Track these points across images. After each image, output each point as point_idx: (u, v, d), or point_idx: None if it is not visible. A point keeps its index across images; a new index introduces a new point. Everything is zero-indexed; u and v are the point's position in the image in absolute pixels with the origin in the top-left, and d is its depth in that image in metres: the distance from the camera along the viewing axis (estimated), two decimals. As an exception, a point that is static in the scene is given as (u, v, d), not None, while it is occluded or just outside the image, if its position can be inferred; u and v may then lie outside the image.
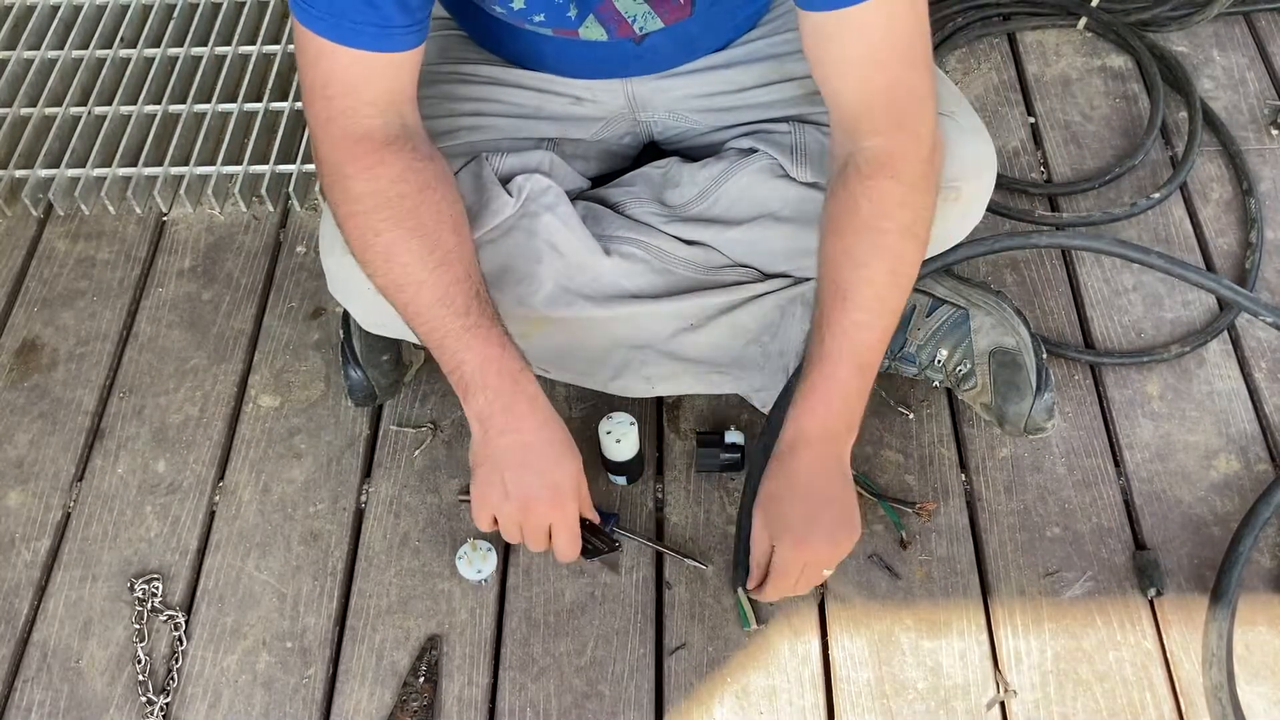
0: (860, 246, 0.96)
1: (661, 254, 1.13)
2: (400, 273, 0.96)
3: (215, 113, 1.57)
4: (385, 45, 0.93)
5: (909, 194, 0.96)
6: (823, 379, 0.97)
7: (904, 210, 0.96)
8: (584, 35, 1.05)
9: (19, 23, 1.71)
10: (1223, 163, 1.48)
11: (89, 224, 1.49)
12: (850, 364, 0.97)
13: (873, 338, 0.98)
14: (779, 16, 1.17)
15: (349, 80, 0.94)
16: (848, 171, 0.96)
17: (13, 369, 1.34)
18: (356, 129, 0.95)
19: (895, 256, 0.97)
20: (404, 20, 0.93)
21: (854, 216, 0.96)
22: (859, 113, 0.95)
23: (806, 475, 0.99)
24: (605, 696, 1.08)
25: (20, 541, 1.20)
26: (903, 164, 0.95)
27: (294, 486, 1.23)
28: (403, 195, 0.96)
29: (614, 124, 1.20)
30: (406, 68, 0.97)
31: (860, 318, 0.96)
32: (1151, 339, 1.31)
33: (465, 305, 0.96)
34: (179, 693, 1.10)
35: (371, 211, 0.96)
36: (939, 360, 1.19)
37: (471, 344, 0.97)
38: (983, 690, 1.07)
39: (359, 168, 0.96)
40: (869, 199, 0.95)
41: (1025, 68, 1.60)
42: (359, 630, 1.13)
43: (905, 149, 0.95)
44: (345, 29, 0.92)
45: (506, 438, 0.98)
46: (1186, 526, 1.16)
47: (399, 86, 0.97)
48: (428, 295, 0.96)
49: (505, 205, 1.08)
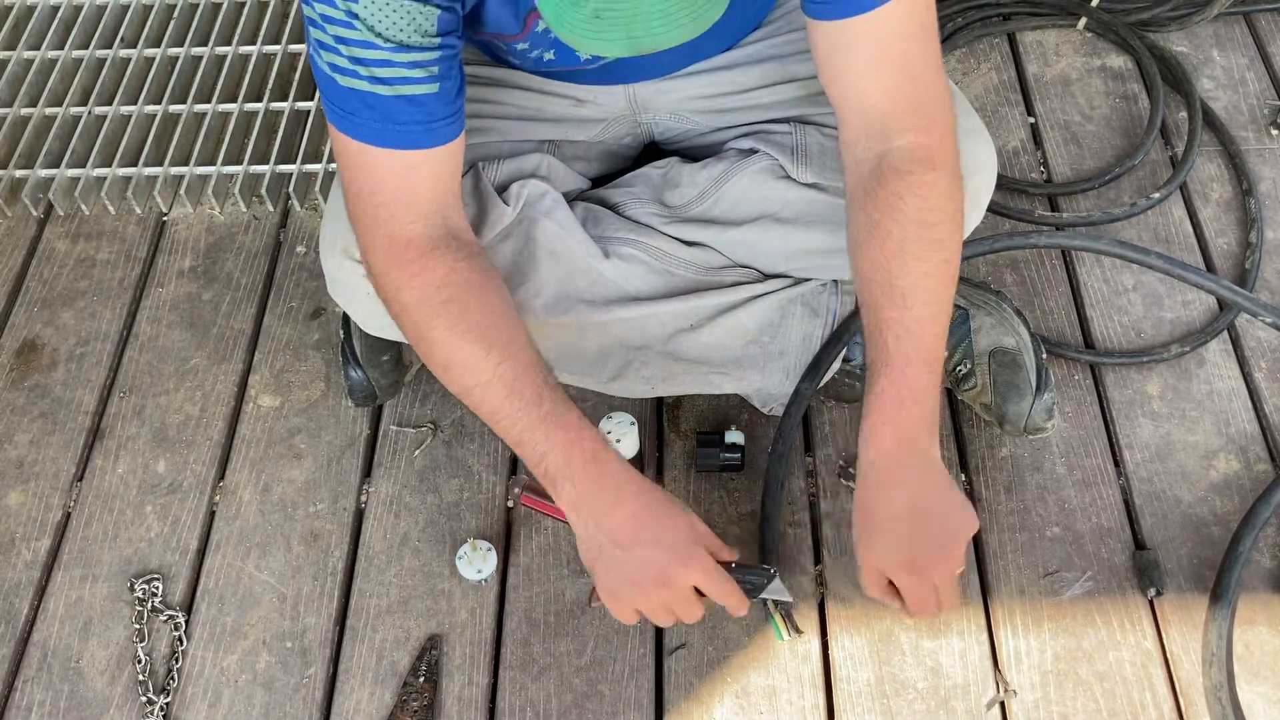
0: (913, 242, 0.95)
1: (661, 255, 1.13)
2: (464, 376, 0.95)
3: (215, 113, 1.57)
4: (432, 141, 0.93)
5: (951, 185, 0.96)
6: (893, 385, 0.94)
7: (950, 201, 0.96)
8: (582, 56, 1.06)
9: (19, 23, 1.71)
10: (1222, 163, 1.48)
11: (89, 224, 1.49)
12: (920, 363, 0.95)
13: (937, 332, 0.96)
14: (780, 18, 1.17)
15: (398, 184, 0.94)
16: (883, 171, 0.95)
17: (13, 369, 1.35)
18: (401, 236, 0.95)
19: (947, 247, 0.96)
20: (446, 111, 0.92)
21: (900, 214, 0.94)
22: (886, 113, 0.95)
23: (901, 494, 0.95)
24: (605, 696, 1.08)
25: (20, 541, 1.20)
26: (941, 157, 0.96)
27: (294, 486, 1.23)
28: (450, 300, 0.94)
29: (615, 125, 1.20)
30: (453, 159, 0.96)
31: (922, 313, 0.95)
32: (1151, 339, 1.31)
33: (536, 395, 0.93)
34: (179, 693, 1.10)
35: (423, 320, 0.95)
36: (939, 360, 1.19)
37: (551, 433, 0.93)
38: (983, 690, 1.07)
39: (405, 276, 0.95)
40: (915, 194, 0.94)
41: (1025, 68, 1.60)
42: (359, 630, 1.13)
43: (942, 142, 0.96)
44: (390, 133, 0.91)
45: (610, 520, 0.93)
46: (1186, 526, 1.16)
47: (446, 181, 0.96)
48: (495, 394, 0.94)
49: (504, 215, 1.08)
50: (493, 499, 1.21)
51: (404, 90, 0.90)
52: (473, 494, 1.21)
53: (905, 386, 0.94)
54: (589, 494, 0.93)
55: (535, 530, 1.18)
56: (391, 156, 0.92)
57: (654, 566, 0.92)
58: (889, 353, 0.94)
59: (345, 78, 0.89)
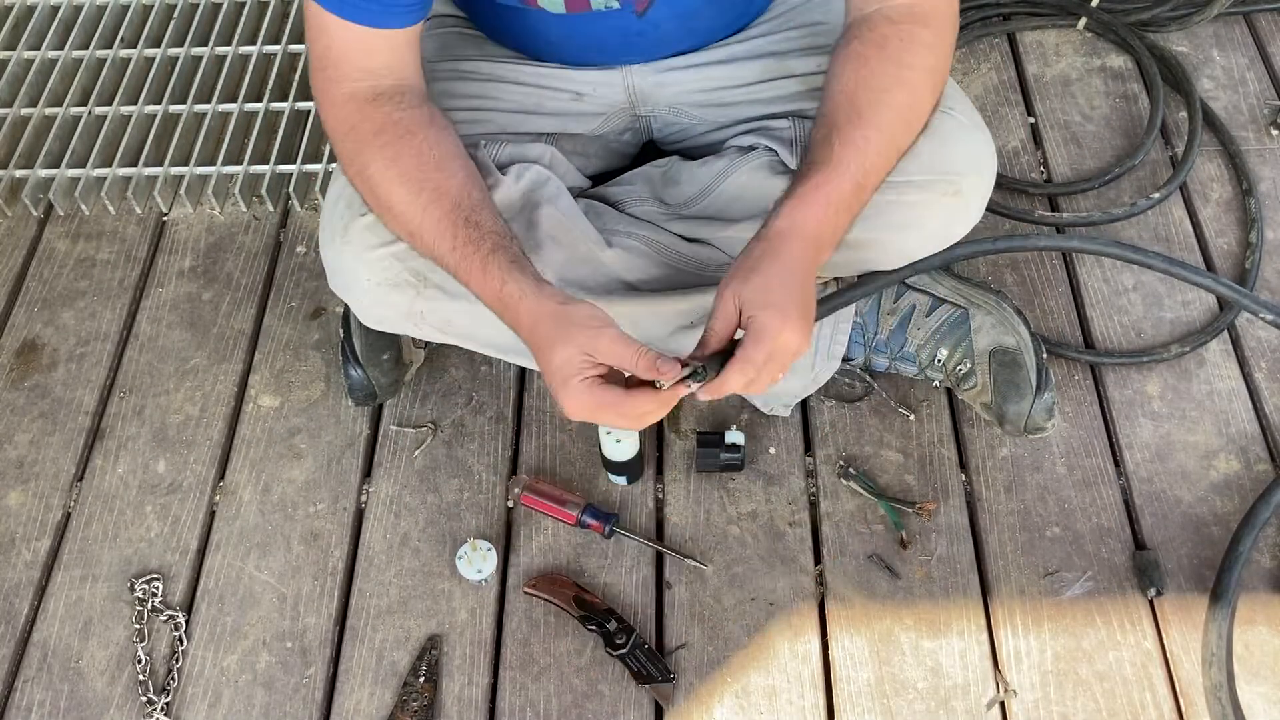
0: (884, 74, 0.99)
1: (663, 249, 1.12)
2: (400, 222, 1.01)
3: (215, 113, 1.57)
4: (385, 22, 0.98)
5: (936, 40, 1.00)
6: (826, 181, 0.96)
7: (930, 53, 1.00)
8: (595, 4, 1.05)
9: (19, 23, 1.71)
10: (1222, 163, 1.48)
11: (89, 224, 1.49)
12: (854, 178, 0.97)
13: (879, 159, 0.99)
14: (781, 14, 1.17)
15: (346, 52, 1.00)
16: (874, 19, 1.00)
17: (13, 369, 1.35)
18: (343, 92, 1.01)
19: (913, 92, 1.00)
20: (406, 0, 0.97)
21: (880, 50, 0.99)
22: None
23: (791, 262, 0.94)
24: (605, 696, 1.08)
25: (20, 541, 1.20)
26: (934, 15, 1.00)
27: (294, 486, 1.23)
28: (384, 144, 1.00)
29: (614, 119, 1.20)
30: (404, 44, 1.01)
31: (871, 134, 0.98)
32: (1151, 339, 1.31)
33: (453, 239, 0.97)
34: (179, 693, 1.10)
35: (363, 164, 1.01)
36: (939, 360, 1.19)
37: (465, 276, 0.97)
38: (983, 690, 1.07)
39: (345, 127, 1.01)
40: (900, 39, 0.99)
41: (1025, 68, 1.60)
42: (359, 630, 1.13)
43: (937, 8, 1.00)
44: (348, 6, 0.96)
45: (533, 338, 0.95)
46: (1186, 526, 1.16)
47: (396, 60, 1.01)
48: (428, 239, 0.99)
49: (501, 183, 1.07)
50: (493, 499, 1.21)
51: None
52: (473, 494, 1.21)
53: (834, 190, 0.96)
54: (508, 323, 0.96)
55: (535, 530, 1.18)
56: (345, 28, 0.98)
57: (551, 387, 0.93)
58: (832, 155, 0.97)
59: None
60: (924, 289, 1.19)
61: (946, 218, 1.08)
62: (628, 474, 1.19)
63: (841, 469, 1.20)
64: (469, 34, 1.20)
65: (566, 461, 1.23)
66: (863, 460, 1.21)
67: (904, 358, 1.20)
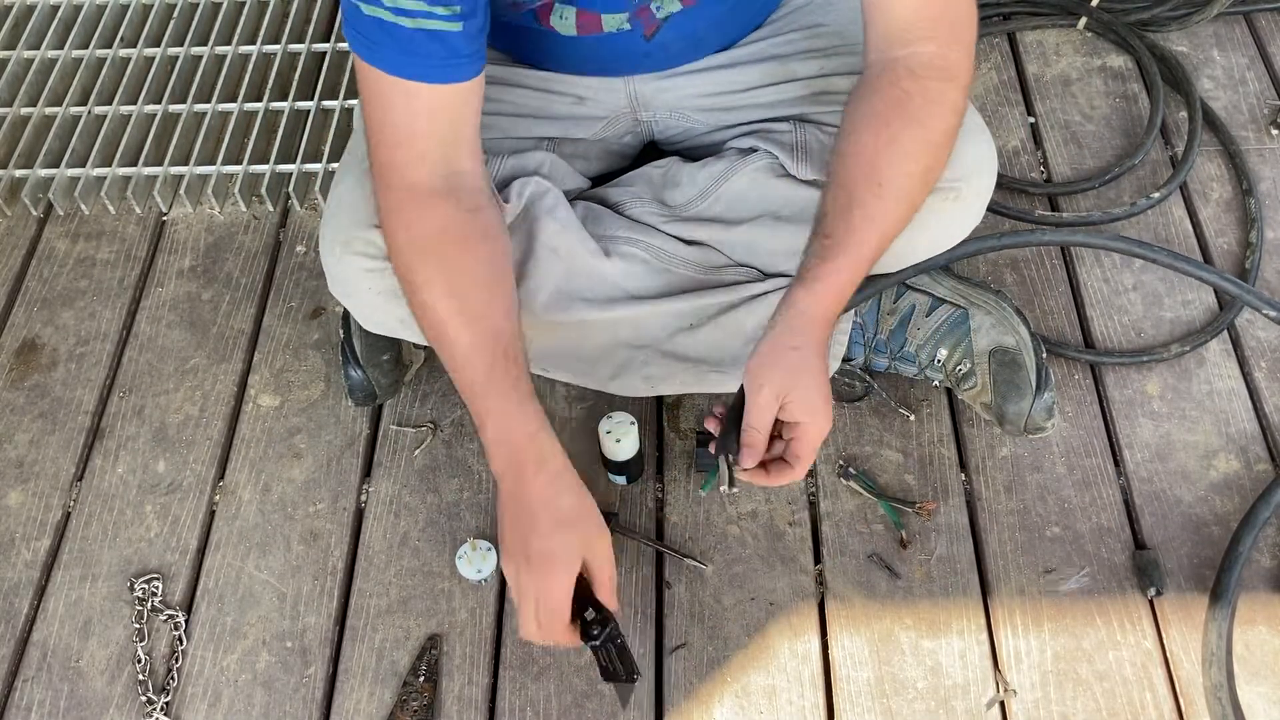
0: (907, 139, 0.96)
1: (661, 254, 1.13)
2: (435, 328, 0.98)
3: (215, 113, 1.57)
4: (449, 76, 0.93)
5: (959, 98, 0.98)
6: (850, 265, 0.96)
7: (954, 115, 0.98)
8: (606, 27, 1.05)
9: (19, 23, 1.71)
10: (1223, 162, 1.48)
11: (89, 224, 1.49)
12: (874, 250, 0.97)
13: (895, 231, 0.98)
14: (783, 17, 1.17)
15: (411, 119, 0.95)
16: (896, 70, 0.97)
17: (13, 369, 1.34)
18: (405, 179, 0.96)
19: (934, 157, 0.98)
20: (467, 49, 0.93)
21: (903, 110, 0.96)
22: (912, 21, 0.96)
23: (818, 350, 0.97)
24: (605, 696, 1.08)
25: (20, 541, 1.20)
26: (959, 71, 0.97)
27: (294, 486, 1.23)
28: (439, 246, 0.97)
29: (615, 123, 1.20)
30: (471, 100, 0.97)
31: (891, 207, 0.96)
32: (1151, 338, 1.31)
33: (490, 364, 0.96)
34: (179, 692, 1.10)
35: (411, 265, 0.98)
36: (939, 360, 1.19)
37: (489, 403, 0.96)
38: (983, 690, 1.07)
39: (400, 219, 0.97)
40: (924, 97, 0.96)
41: (1025, 68, 1.60)
42: (359, 630, 1.13)
43: (960, 59, 0.97)
44: (408, 64, 0.92)
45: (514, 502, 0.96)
46: (1186, 526, 1.16)
47: (460, 124, 0.97)
48: (460, 351, 0.97)
49: (506, 213, 1.08)
50: (493, 499, 1.21)
51: (425, 25, 0.90)
52: (473, 494, 1.21)
53: (853, 270, 0.97)
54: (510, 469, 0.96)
55: (535, 530, 1.18)
56: (406, 89, 0.93)
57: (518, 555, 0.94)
58: (853, 230, 0.96)
59: (369, 6, 0.90)
60: (924, 289, 1.19)
61: (947, 221, 1.09)
62: (627, 474, 1.19)
63: (841, 469, 1.20)
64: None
65: (566, 461, 1.23)
66: (863, 460, 1.21)
67: (904, 358, 1.20)
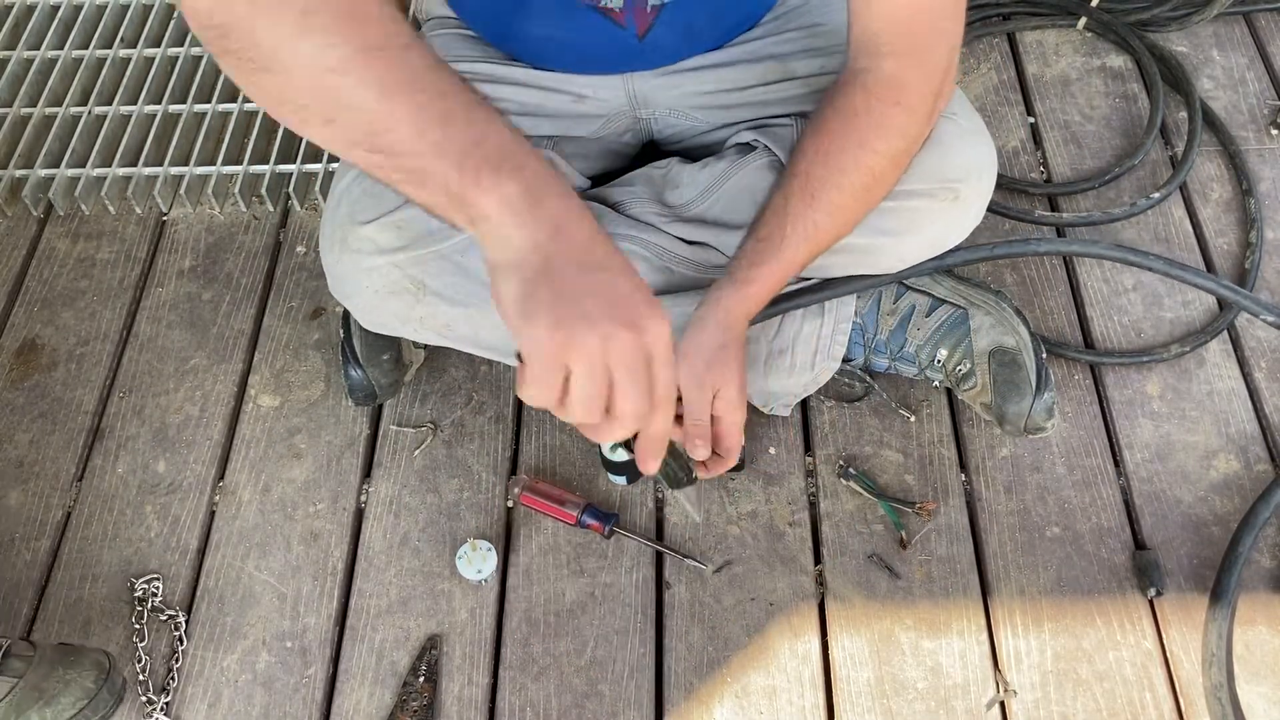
0: (844, 156, 0.97)
1: (661, 252, 1.13)
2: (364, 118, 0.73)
3: (215, 113, 1.57)
4: None
5: (909, 124, 0.98)
6: (778, 267, 0.99)
7: (899, 139, 0.98)
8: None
9: (19, 23, 1.70)
10: (1222, 163, 1.48)
11: (89, 224, 1.49)
12: (803, 259, 1.00)
13: (827, 241, 1.00)
14: (781, 16, 1.17)
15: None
16: (855, 85, 0.98)
17: (13, 369, 1.34)
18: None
19: (875, 177, 0.99)
20: None
21: (847, 125, 0.97)
22: (880, 33, 0.96)
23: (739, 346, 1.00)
24: (605, 696, 1.08)
25: (20, 541, 1.20)
26: (911, 94, 0.97)
27: (294, 486, 1.23)
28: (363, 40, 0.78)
29: (614, 121, 1.20)
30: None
31: (822, 220, 0.98)
32: (1151, 339, 1.31)
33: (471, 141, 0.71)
34: (179, 692, 1.10)
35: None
36: (939, 360, 1.19)
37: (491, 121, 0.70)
38: (983, 690, 1.07)
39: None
40: (870, 118, 0.97)
41: (1025, 68, 1.60)
42: (359, 630, 1.13)
43: (915, 79, 0.97)
44: None
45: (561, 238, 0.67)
46: (1186, 526, 1.16)
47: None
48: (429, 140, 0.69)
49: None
50: (493, 499, 1.21)
51: None
52: (473, 494, 1.21)
53: (780, 275, 0.99)
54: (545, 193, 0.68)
55: (535, 530, 1.18)
56: None
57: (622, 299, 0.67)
58: (785, 237, 0.98)
59: None
60: (924, 289, 1.19)
61: (946, 224, 1.09)
62: (628, 474, 1.19)
63: (841, 469, 1.20)
64: (469, 36, 1.20)
65: (566, 461, 1.23)
66: (863, 460, 1.22)
67: (904, 358, 1.20)
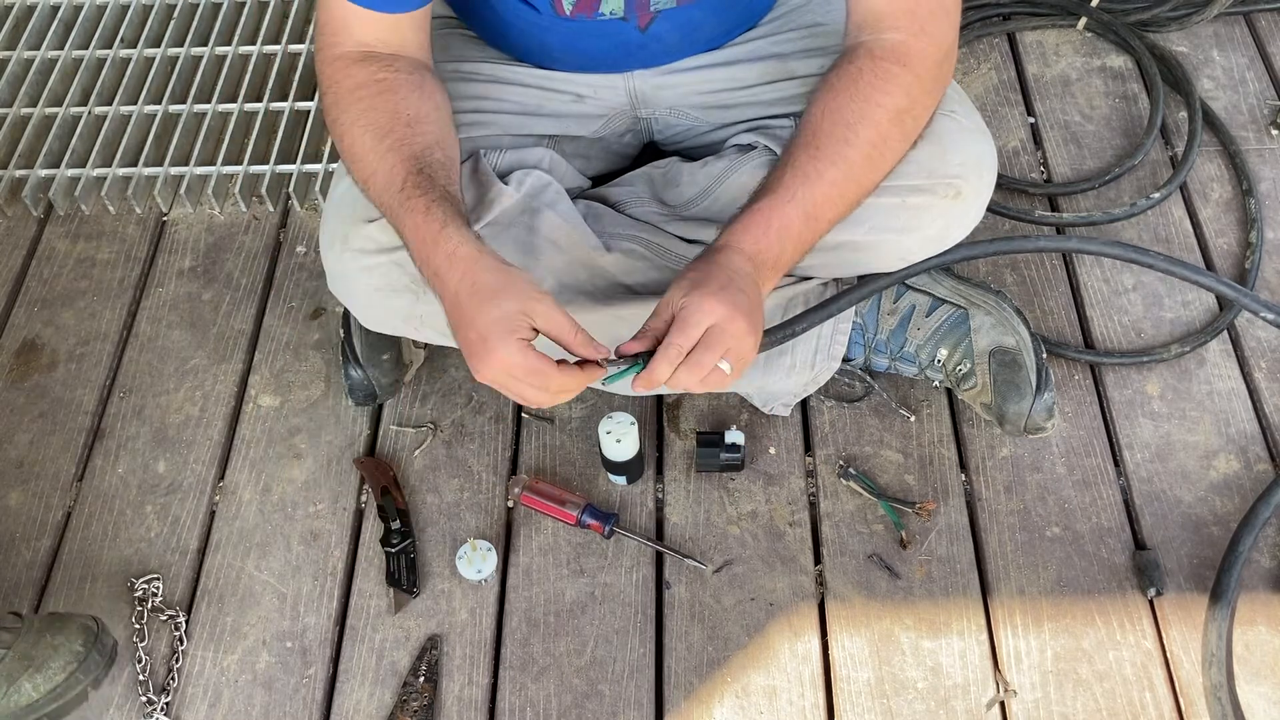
0: (849, 110, 0.98)
1: (662, 250, 1.13)
2: (360, 167, 1.00)
3: (215, 113, 1.57)
4: (389, 6, 1.00)
5: (914, 83, 0.99)
6: (770, 208, 0.96)
7: (903, 95, 0.99)
8: (602, 8, 1.05)
9: (19, 23, 1.71)
10: (1223, 163, 1.48)
11: (89, 224, 1.49)
12: (802, 207, 0.97)
13: (833, 192, 0.98)
14: (781, 16, 1.17)
15: (347, 25, 1.02)
16: (858, 52, 1.00)
17: (13, 369, 1.34)
18: (335, 54, 1.03)
19: (879, 134, 0.99)
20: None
21: (853, 84, 0.99)
22: (884, 13, 0.99)
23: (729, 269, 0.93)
24: (605, 696, 1.08)
25: (20, 541, 1.20)
26: (917, 58, 0.99)
27: (294, 486, 1.23)
28: (360, 98, 1.00)
29: (615, 121, 1.20)
30: (406, 28, 1.03)
31: (823, 168, 0.97)
32: (1151, 339, 1.31)
33: (402, 182, 0.96)
34: (179, 692, 1.10)
35: (338, 117, 1.01)
36: (939, 360, 1.19)
37: (405, 218, 0.95)
38: (983, 690, 1.07)
39: (329, 83, 1.03)
40: (875, 74, 0.98)
41: (1025, 68, 1.60)
42: (359, 630, 1.13)
43: (922, 47, 0.99)
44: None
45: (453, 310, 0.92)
46: (1186, 526, 1.16)
47: (396, 38, 1.03)
48: (380, 182, 0.98)
49: (504, 194, 1.08)
50: (493, 499, 1.21)
51: None
52: (473, 494, 1.21)
53: (776, 215, 0.96)
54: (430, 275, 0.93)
55: (535, 530, 1.18)
56: (346, 6, 1.00)
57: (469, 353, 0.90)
58: (779, 183, 0.97)
59: None
60: (924, 289, 1.19)
61: (947, 220, 1.09)
62: (627, 474, 1.19)
63: (841, 469, 1.20)
64: (470, 35, 1.20)
65: (566, 461, 1.23)
66: (863, 460, 1.22)
67: (904, 358, 1.20)
